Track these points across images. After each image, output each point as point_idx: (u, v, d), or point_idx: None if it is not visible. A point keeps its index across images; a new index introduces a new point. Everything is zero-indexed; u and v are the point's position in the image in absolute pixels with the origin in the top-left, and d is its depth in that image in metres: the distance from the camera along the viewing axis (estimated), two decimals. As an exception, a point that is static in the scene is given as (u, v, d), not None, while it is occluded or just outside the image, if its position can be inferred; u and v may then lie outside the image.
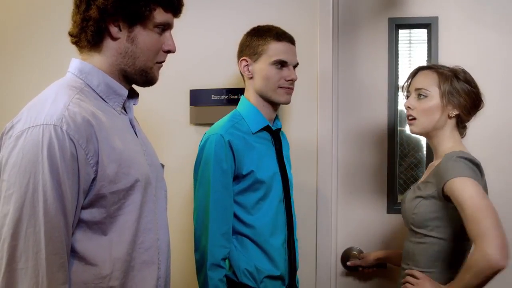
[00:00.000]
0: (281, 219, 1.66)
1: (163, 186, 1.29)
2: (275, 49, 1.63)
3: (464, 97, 1.53)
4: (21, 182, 0.97)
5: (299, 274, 1.83)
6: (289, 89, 1.65)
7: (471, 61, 2.00)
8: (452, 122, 1.56)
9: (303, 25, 2.03)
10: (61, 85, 1.12)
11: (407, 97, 1.64)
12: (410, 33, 2.09)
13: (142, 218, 1.15)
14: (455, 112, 1.54)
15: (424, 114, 1.55)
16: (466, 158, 1.44)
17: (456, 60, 2.00)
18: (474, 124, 2.01)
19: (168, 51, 1.22)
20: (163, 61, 1.23)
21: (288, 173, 1.71)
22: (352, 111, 2.09)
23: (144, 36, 1.15)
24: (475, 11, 2.00)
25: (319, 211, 2.02)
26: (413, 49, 2.10)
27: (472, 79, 1.58)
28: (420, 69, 1.62)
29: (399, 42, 2.08)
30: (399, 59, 2.08)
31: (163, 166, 1.33)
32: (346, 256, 2.07)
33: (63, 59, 2.01)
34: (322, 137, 2.03)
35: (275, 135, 1.71)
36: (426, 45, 2.06)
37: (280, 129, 1.76)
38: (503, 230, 1.32)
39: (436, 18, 2.02)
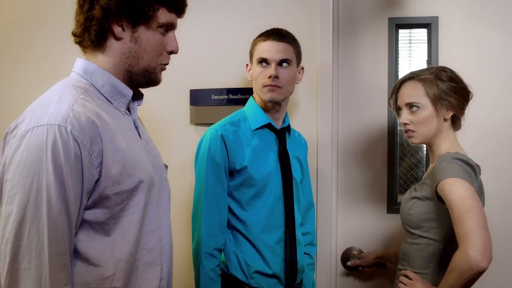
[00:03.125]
0: (277, 218, 1.66)
1: (166, 187, 1.29)
2: (259, 49, 1.66)
3: (454, 96, 1.53)
4: (25, 182, 0.97)
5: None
6: (272, 87, 1.63)
7: (471, 61, 2.01)
8: (448, 123, 1.56)
9: (303, 25, 2.02)
10: (65, 85, 1.11)
11: (398, 111, 1.64)
12: (410, 33, 2.09)
13: (146, 219, 1.15)
14: (450, 114, 1.54)
15: (422, 125, 1.55)
16: (459, 159, 1.44)
17: (456, 60, 2.02)
18: (474, 124, 2.01)
19: (171, 52, 1.22)
20: (167, 64, 1.23)
21: (293, 173, 1.71)
22: (352, 111, 2.09)
23: (147, 36, 1.15)
24: (475, 10, 2.00)
25: (319, 211, 2.02)
26: (413, 49, 2.10)
27: (454, 74, 1.57)
28: (402, 82, 1.60)
29: (399, 42, 2.08)
30: (399, 59, 2.08)
31: (166, 167, 1.33)
32: (346, 256, 2.07)
33: (66, 59, 2.00)
34: (322, 136, 2.03)
35: (280, 134, 1.71)
36: (426, 45, 2.06)
37: (287, 128, 1.76)
38: (488, 232, 1.31)
39: (436, 18, 2.02)
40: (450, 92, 1.52)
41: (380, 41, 2.07)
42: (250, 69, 1.72)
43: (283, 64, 1.65)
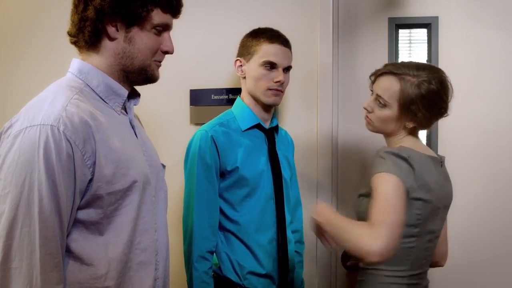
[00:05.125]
0: (269, 217, 1.66)
1: (163, 187, 1.28)
2: (265, 50, 1.63)
3: (423, 112, 1.43)
4: (17, 182, 0.97)
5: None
6: (277, 91, 1.64)
7: (471, 61, 2.01)
8: (408, 129, 1.49)
9: (303, 25, 2.03)
10: (60, 85, 1.12)
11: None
12: (410, 33, 2.09)
13: (140, 218, 1.14)
14: (411, 125, 1.47)
15: (380, 122, 1.50)
16: (391, 153, 1.40)
17: (456, 60, 2.01)
18: (475, 124, 2.01)
19: (166, 52, 1.21)
20: (161, 61, 1.22)
21: (283, 172, 1.71)
22: (352, 111, 2.09)
23: (141, 37, 1.15)
24: (475, 10, 2.00)
25: (319, 211, 2.02)
26: (413, 49, 2.10)
27: (440, 87, 1.44)
28: (385, 72, 1.50)
29: (399, 42, 2.08)
30: (399, 59, 2.08)
31: (164, 166, 1.33)
32: (346, 256, 2.07)
33: (64, 59, 2.00)
34: (322, 136, 2.03)
35: (269, 134, 1.71)
36: (426, 45, 2.06)
37: (275, 128, 1.76)
38: (396, 232, 1.29)
39: (436, 18, 2.02)
40: (422, 107, 1.43)
41: (380, 41, 2.07)
42: (242, 65, 1.69)
43: (286, 70, 1.66)
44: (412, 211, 1.38)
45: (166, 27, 1.20)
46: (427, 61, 2.05)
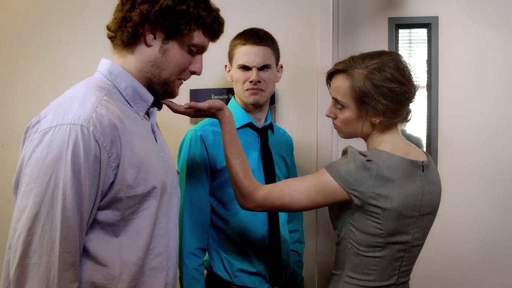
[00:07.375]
0: (260, 216, 1.66)
1: (176, 193, 1.29)
2: (239, 53, 1.66)
3: (382, 102, 1.31)
4: (42, 179, 0.97)
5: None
6: (254, 90, 1.65)
7: (471, 61, 2.01)
8: (380, 125, 1.37)
9: (303, 25, 2.03)
10: (89, 84, 1.12)
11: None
12: (410, 33, 2.10)
13: (157, 224, 1.15)
14: (378, 119, 1.35)
15: (345, 125, 1.41)
16: (352, 153, 1.34)
17: (456, 60, 2.02)
18: (474, 124, 2.01)
19: (194, 73, 1.23)
20: (186, 79, 1.24)
21: (276, 171, 1.71)
22: (352, 111, 2.09)
23: (176, 52, 1.16)
24: (475, 10, 2.01)
25: (319, 210, 2.02)
26: (413, 49, 2.10)
27: (394, 72, 1.32)
28: (334, 72, 1.41)
29: (399, 42, 2.09)
30: (399, 59, 2.08)
31: (178, 172, 1.34)
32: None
33: (63, 59, 2.00)
34: (322, 137, 2.03)
35: (263, 133, 1.71)
36: (426, 45, 2.06)
37: (270, 126, 1.76)
38: (269, 207, 1.39)
39: (436, 18, 2.02)
40: (377, 96, 1.31)
41: (380, 41, 2.07)
42: (229, 70, 1.73)
43: (264, 68, 1.66)
44: (368, 218, 1.31)
45: (202, 49, 1.22)
46: (427, 61, 2.05)
